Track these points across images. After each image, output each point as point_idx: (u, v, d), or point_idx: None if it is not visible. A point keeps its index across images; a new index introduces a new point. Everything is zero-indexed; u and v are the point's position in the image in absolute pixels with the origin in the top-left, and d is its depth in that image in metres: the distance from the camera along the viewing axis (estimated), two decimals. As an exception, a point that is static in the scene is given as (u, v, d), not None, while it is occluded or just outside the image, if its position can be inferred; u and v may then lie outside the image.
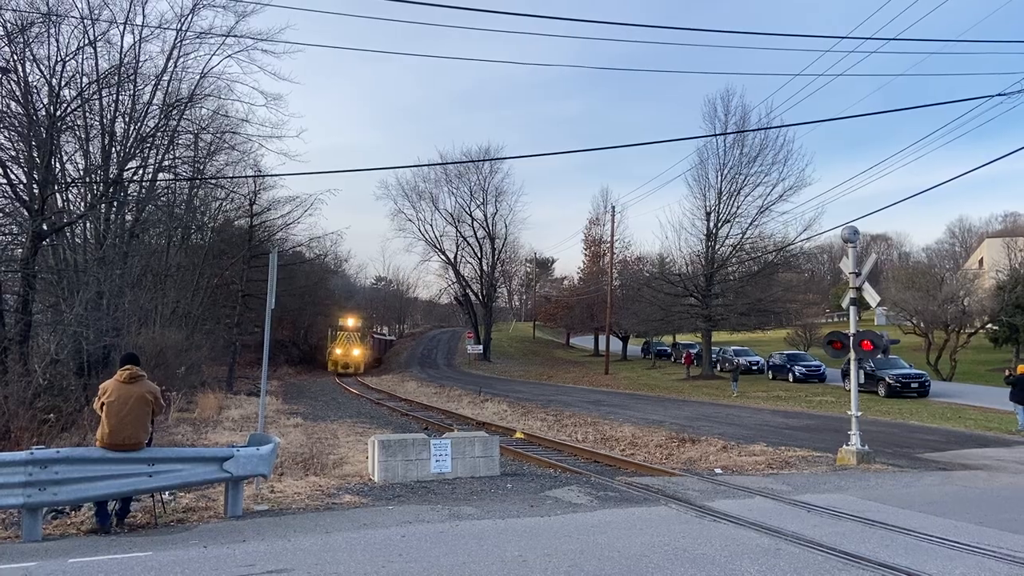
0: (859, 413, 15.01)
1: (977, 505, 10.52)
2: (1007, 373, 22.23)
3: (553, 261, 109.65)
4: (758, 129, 44.03)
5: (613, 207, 62.07)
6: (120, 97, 25.53)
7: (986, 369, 45.18)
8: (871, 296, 15.29)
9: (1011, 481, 12.79)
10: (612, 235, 61.68)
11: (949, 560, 7.46)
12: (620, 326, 64.42)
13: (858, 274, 15.08)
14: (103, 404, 8.53)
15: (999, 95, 20.40)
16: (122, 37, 25.45)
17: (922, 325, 45.82)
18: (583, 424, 22.88)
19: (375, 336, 78.99)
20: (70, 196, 25.36)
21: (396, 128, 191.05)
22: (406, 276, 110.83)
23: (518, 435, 20.25)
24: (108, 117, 25.28)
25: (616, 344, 67.18)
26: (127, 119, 25.98)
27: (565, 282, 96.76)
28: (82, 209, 24.53)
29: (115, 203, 25.39)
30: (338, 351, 60.01)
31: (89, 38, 23.74)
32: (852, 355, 15.03)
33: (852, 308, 15.31)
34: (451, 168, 69.88)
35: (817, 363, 41.61)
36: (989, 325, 47.40)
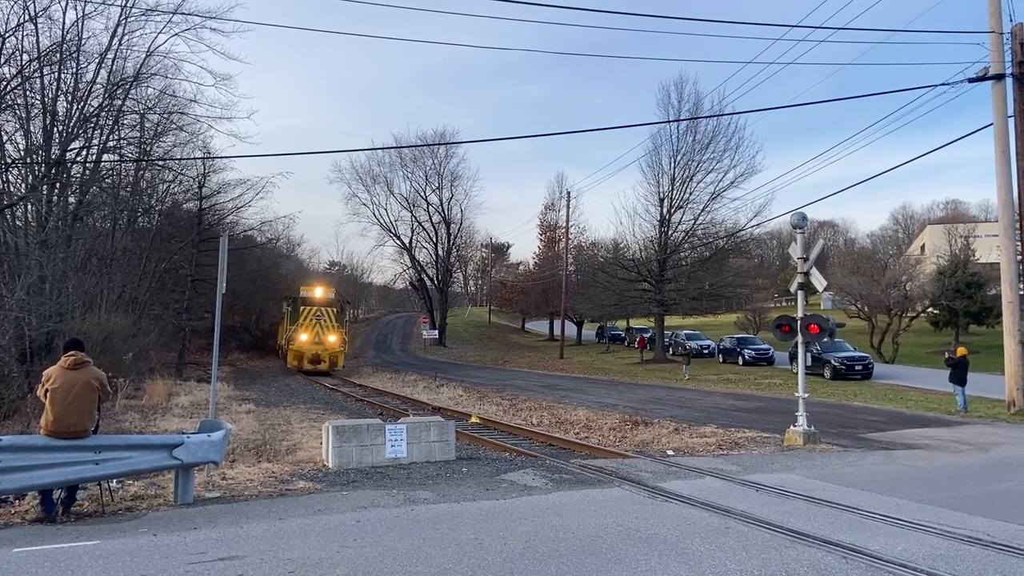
0: (806, 395, 15.36)
1: (918, 483, 10.87)
2: (947, 355, 22.91)
3: (509, 246, 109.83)
4: (711, 116, 44.60)
5: (568, 192, 62.47)
6: (62, 75, 24.73)
7: (927, 352, 46.61)
8: (818, 281, 15.62)
9: (950, 460, 13.25)
10: (567, 220, 62.01)
11: (891, 536, 7.71)
12: (575, 311, 64.84)
13: (806, 259, 15.38)
14: (47, 391, 8.33)
15: (943, 84, 21.02)
16: (64, 13, 24.67)
17: (866, 309, 47.06)
18: (538, 408, 23.01)
19: None
20: (10, 177, 24.55)
21: (350, 111, 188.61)
22: (360, 261, 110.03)
23: (474, 420, 20.30)
24: (50, 96, 24.47)
25: (571, 329, 67.63)
26: (70, 98, 25.18)
27: (520, 267, 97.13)
28: (23, 191, 23.75)
29: (57, 185, 24.60)
30: (303, 337, 40.80)
31: (30, 14, 22.93)
32: (800, 338, 15.36)
33: (800, 293, 15.63)
34: (406, 152, 69.50)
35: (766, 346, 42.50)
36: (930, 309, 48.94)
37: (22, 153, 24.55)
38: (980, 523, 8.30)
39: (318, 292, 42.42)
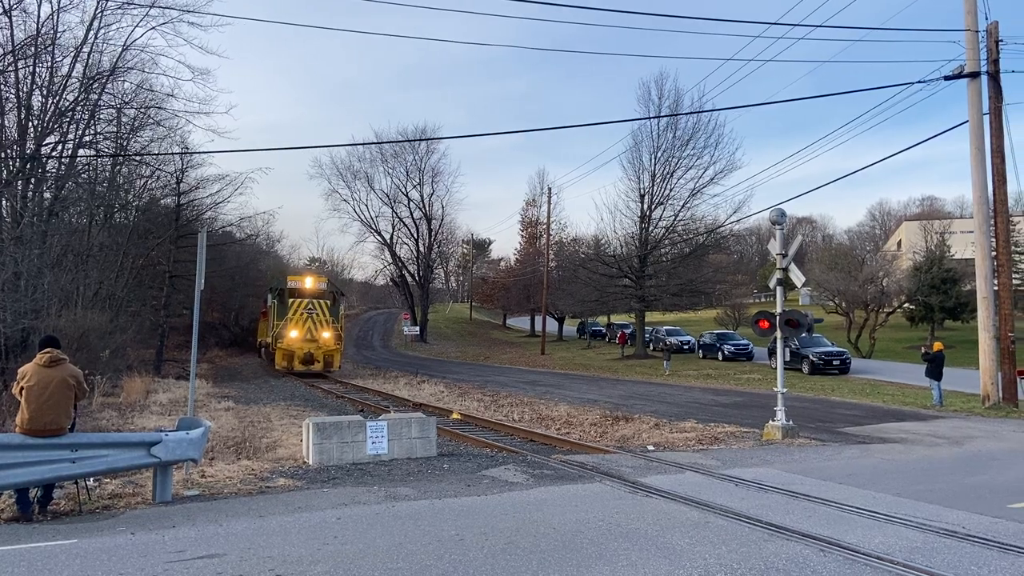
0: (784, 390, 15.49)
1: (894, 477, 11.00)
2: (923, 350, 23.17)
3: (490, 242, 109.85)
4: (691, 113, 44.78)
5: (550, 188, 62.54)
6: (37, 69, 24.38)
7: (903, 347, 47.16)
8: (796, 277, 15.75)
9: (926, 453, 13.41)
10: (548, 216, 62.04)
11: (868, 529, 7.80)
12: (556, 307, 64.96)
13: (785, 255, 15.50)
14: (22, 389, 8.23)
15: (919, 82, 21.25)
16: (39, 6, 24.37)
17: (843, 305, 47.53)
18: (519, 404, 23.03)
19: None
20: (-17, 172, 24.18)
21: (331, 106, 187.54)
22: (341, 257, 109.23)
23: (455, 416, 20.28)
24: (24, 90, 24.12)
25: (552, 325, 67.72)
26: (45, 92, 24.84)
27: (502, 263, 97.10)
28: (-3, 186, 23.40)
29: (32, 180, 24.28)
30: (293, 334, 34.77)
31: (4, 7, 22.59)
32: (778, 334, 15.48)
33: (779, 288, 15.75)
34: (387, 148, 69.12)
35: (745, 342, 42.80)
36: (906, 304, 49.53)
37: (-4, 148, 24.17)
38: (955, 516, 8.42)
39: (308, 282, 36.50)
